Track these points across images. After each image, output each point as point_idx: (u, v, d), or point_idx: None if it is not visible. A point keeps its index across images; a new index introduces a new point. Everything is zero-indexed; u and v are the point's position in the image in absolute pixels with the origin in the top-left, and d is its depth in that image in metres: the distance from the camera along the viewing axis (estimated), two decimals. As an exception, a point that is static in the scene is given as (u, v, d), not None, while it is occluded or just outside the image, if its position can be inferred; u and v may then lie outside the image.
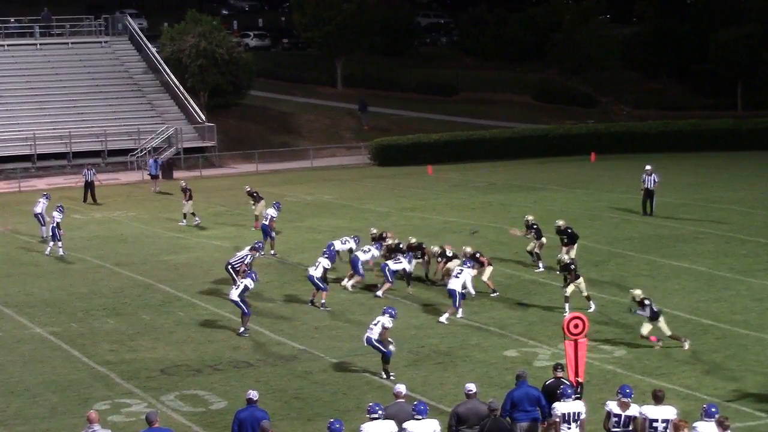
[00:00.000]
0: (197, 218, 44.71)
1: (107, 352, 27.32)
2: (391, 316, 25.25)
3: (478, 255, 32.16)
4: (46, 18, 73.74)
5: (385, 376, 24.80)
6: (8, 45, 70.48)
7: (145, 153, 62.39)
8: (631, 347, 26.66)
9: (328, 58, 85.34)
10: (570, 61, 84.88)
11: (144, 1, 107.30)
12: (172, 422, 22.06)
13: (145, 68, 70.91)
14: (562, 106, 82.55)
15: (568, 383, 20.01)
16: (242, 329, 28.54)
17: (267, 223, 38.74)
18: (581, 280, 30.10)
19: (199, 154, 64.99)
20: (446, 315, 29.59)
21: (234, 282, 30.43)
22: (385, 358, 24.93)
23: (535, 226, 35.58)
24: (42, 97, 66.55)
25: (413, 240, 34.74)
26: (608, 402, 19.08)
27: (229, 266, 32.22)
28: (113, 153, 63.38)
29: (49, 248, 39.10)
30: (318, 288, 31.10)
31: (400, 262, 32.64)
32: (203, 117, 66.63)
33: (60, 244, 38.80)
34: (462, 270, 30.04)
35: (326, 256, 31.95)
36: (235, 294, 28.70)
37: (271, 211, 39.24)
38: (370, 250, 33.70)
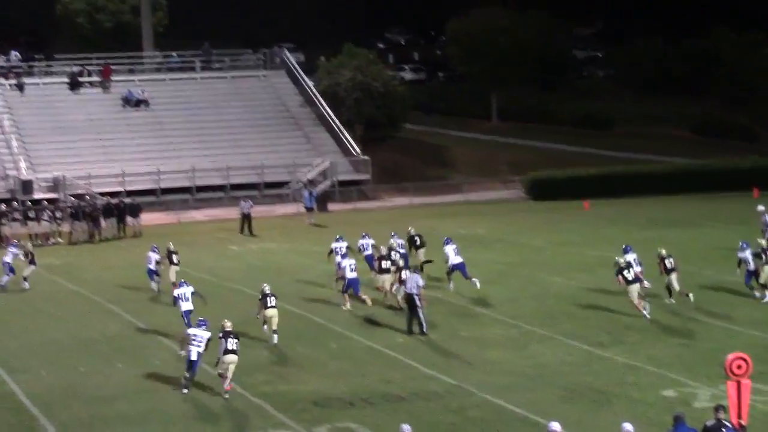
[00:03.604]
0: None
1: (262, 383, 27.44)
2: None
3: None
4: (207, 52, 75.23)
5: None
6: (170, 79, 72.12)
7: (301, 185, 62.96)
8: (796, 389, 25.72)
9: (484, 91, 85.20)
10: (732, 94, 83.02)
11: (301, 35, 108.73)
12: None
13: (302, 101, 71.70)
14: (722, 140, 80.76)
15: (730, 425, 19.37)
16: None
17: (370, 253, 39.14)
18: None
19: (354, 186, 65.34)
20: None
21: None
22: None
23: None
24: (201, 129, 67.81)
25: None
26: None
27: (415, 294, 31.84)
28: (269, 185, 64.11)
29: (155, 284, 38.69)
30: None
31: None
32: (358, 150, 67.01)
33: (156, 281, 38.43)
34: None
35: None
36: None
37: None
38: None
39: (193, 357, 26.87)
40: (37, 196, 58.43)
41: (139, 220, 53.82)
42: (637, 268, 33.94)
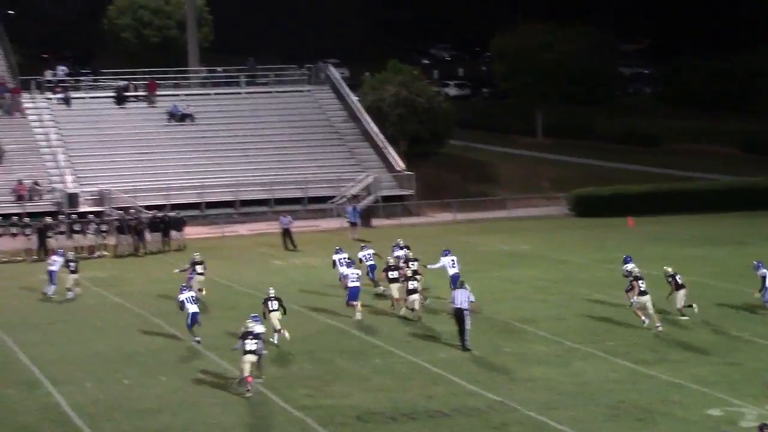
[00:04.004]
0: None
1: (304, 397, 27.46)
2: None
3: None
4: (252, 67, 75.56)
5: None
6: (215, 93, 72.49)
7: (345, 201, 63.03)
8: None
9: (528, 107, 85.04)
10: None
11: (346, 51, 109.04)
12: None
13: (346, 117, 71.84)
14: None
15: (775, 445, 19.18)
16: None
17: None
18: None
19: (398, 202, 65.34)
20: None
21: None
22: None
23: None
24: (246, 144, 68.09)
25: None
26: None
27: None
28: (313, 200, 64.25)
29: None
30: None
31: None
32: (402, 165, 67.03)
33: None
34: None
35: None
36: None
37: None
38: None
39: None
40: (82, 209, 58.87)
41: (182, 234, 54.09)
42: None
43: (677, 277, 35.19)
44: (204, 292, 38.41)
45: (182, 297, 33.19)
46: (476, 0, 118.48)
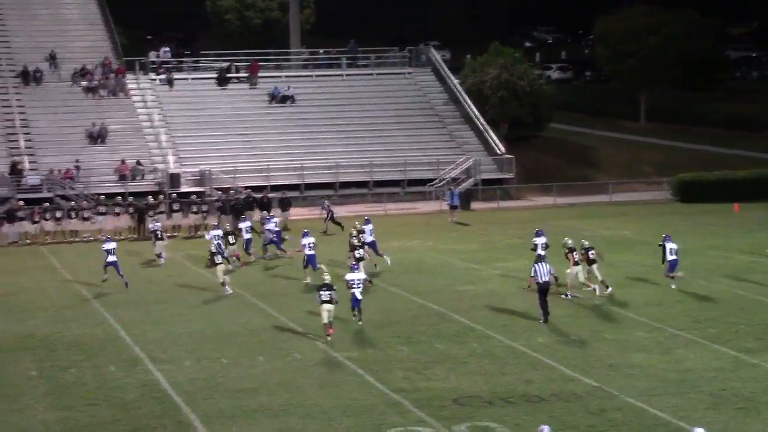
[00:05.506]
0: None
1: (401, 380, 27.37)
2: None
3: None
4: (353, 50, 75.59)
5: None
6: (316, 76, 72.67)
7: (444, 183, 62.80)
8: None
9: (631, 91, 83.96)
10: None
11: (448, 34, 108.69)
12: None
13: (447, 99, 71.54)
14: None
15: None
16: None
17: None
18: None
19: (497, 185, 64.93)
20: None
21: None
22: None
23: None
24: (346, 126, 68.17)
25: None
26: None
27: None
28: (412, 183, 64.14)
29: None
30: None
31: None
32: (502, 149, 66.58)
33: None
34: None
35: None
36: None
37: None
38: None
39: (359, 296, 32.48)
40: (183, 189, 59.44)
41: (288, 214, 54.45)
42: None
43: (590, 252, 36.51)
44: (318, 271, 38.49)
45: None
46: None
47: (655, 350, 29.70)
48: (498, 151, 66.46)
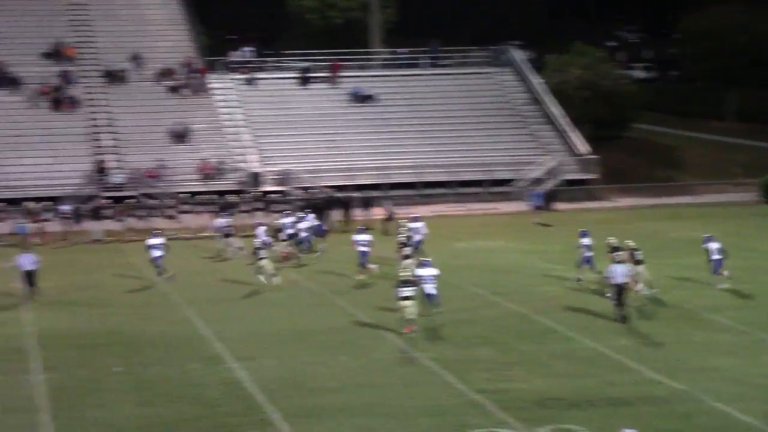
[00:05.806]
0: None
1: (483, 381, 27.13)
2: None
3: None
4: (434, 50, 75.39)
5: None
6: (397, 75, 72.57)
7: (526, 184, 62.36)
8: None
9: (717, 91, 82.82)
10: None
11: (529, 33, 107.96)
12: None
13: (529, 99, 71.10)
14: None
15: None
16: None
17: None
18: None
19: (581, 186, 64.35)
20: None
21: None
22: None
23: None
24: (427, 126, 68.00)
25: None
26: None
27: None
28: (494, 183, 63.81)
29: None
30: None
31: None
32: (587, 149, 65.98)
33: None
34: None
35: None
36: None
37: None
38: None
39: (432, 292, 32.69)
40: (265, 188, 59.68)
41: (370, 213, 54.55)
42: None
43: (636, 253, 36.06)
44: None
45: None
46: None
47: (741, 354, 29.15)
48: (581, 152, 65.85)
